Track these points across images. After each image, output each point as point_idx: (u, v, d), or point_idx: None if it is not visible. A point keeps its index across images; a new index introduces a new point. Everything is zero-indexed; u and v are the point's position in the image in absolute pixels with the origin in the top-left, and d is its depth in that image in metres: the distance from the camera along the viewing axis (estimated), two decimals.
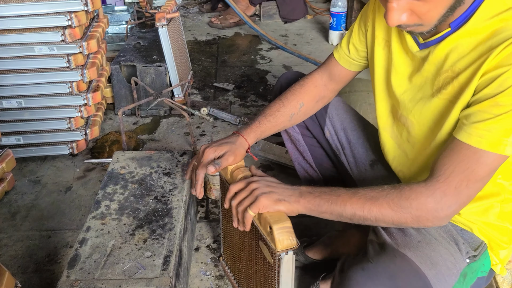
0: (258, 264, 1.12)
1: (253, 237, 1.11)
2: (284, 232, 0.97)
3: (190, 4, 4.01)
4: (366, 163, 1.27)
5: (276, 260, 1.00)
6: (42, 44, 1.77)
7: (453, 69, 0.94)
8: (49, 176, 1.89)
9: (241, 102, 2.46)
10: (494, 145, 0.85)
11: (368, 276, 0.90)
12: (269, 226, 0.98)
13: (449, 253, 1.00)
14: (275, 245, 0.97)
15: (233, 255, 1.32)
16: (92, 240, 1.20)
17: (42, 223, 1.65)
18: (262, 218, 1.01)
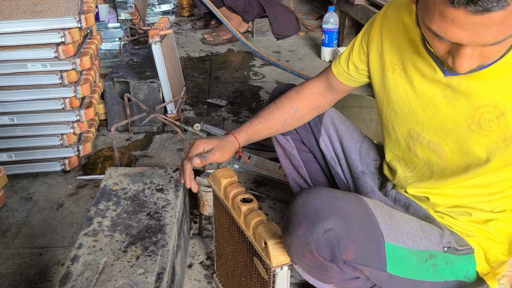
0: (253, 280, 1.11)
1: (247, 253, 1.10)
2: (279, 248, 0.97)
3: (183, 21, 4.04)
4: (359, 173, 1.28)
5: (271, 276, 0.99)
6: (35, 60, 1.77)
7: (495, 105, 0.90)
8: (40, 193, 1.87)
9: (234, 118, 2.47)
10: None
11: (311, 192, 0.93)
12: (264, 242, 0.97)
13: (421, 230, 0.99)
14: (270, 260, 0.97)
15: (226, 271, 1.31)
16: (84, 257, 1.18)
17: (33, 240, 1.63)
18: (256, 233, 1.00)
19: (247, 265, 1.12)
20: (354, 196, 0.96)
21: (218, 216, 1.26)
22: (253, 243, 1.03)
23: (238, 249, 1.17)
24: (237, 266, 1.21)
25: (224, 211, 1.20)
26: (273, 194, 1.87)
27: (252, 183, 1.94)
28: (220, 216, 1.25)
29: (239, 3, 3.43)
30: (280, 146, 1.40)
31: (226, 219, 1.20)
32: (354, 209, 0.91)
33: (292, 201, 0.95)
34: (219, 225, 1.29)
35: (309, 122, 1.34)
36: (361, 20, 2.95)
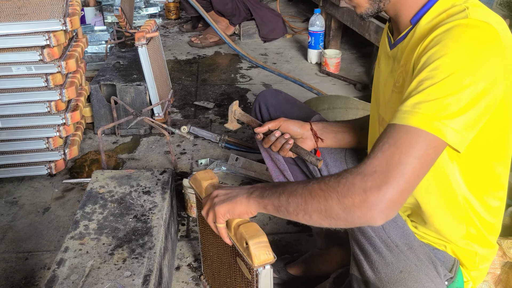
0: (237, 281, 1.12)
1: (231, 254, 1.11)
2: (260, 247, 0.98)
3: (170, 24, 4.04)
4: None
5: (254, 275, 1.00)
6: (19, 63, 1.76)
7: (405, 62, 0.96)
8: (26, 197, 1.86)
9: (222, 120, 2.47)
10: (421, 122, 0.81)
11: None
12: (245, 242, 0.98)
13: (430, 279, 0.99)
14: (252, 260, 0.98)
15: (213, 273, 1.32)
16: (70, 260, 1.18)
17: (19, 245, 1.62)
18: (238, 233, 1.01)
19: (232, 266, 1.13)
20: None
21: (202, 218, 1.26)
22: (235, 244, 1.04)
23: (222, 250, 1.17)
24: (222, 267, 1.21)
25: None
26: None
27: (240, 185, 1.94)
28: (203, 218, 1.24)
29: (227, 7, 3.45)
30: (265, 150, 1.41)
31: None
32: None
33: None
34: (203, 227, 1.29)
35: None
36: (346, 22, 2.97)
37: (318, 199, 0.84)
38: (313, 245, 1.48)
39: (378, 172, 0.80)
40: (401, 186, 0.79)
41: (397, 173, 0.79)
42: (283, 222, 1.73)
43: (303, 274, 1.42)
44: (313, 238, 1.48)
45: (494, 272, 1.36)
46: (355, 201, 0.80)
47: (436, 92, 0.82)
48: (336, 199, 0.82)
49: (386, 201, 0.79)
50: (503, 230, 1.49)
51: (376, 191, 0.79)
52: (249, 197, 0.97)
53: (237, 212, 0.99)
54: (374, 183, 0.79)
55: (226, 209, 1.00)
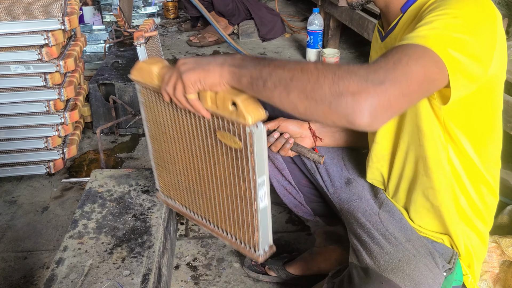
0: (221, 162, 1.01)
1: (206, 135, 1.00)
2: (250, 103, 0.87)
3: (168, 23, 4.03)
4: (341, 181, 1.28)
5: (247, 138, 0.89)
6: (18, 63, 1.76)
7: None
8: (25, 196, 1.86)
9: None
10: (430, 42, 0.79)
11: None
12: (232, 102, 0.87)
13: (428, 269, 1.01)
14: (245, 118, 0.86)
15: (177, 179, 1.17)
16: (69, 259, 1.18)
17: (17, 244, 1.62)
18: (218, 98, 0.89)
19: (209, 148, 1.01)
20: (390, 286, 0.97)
21: (153, 117, 1.11)
22: (216, 112, 0.92)
23: (190, 139, 1.04)
24: (193, 161, 1.08)
25: (162, 105, 1.05)
26: None
27: None
28: (156, 115, 1.10)
29: (228, 8, 3.46)
30: None
31: (167, 113, 1.06)
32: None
33: None
34: (156, 128, 1.13)
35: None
36: (345, 21, 2.97)
37: (309, 76, 0.75)
38: (312, 243, 1.48)
39: (384, 69, 0.74)
40: (402, 87, 0.74)
41: (402, 73, 0.74)
42: (282, 221, 1.73)
43: (302, 272, 1.42)
44: (312, 237, 1.48)
45: (492, 271, 1.37)
46: (351, 86, 0.72)
47: (444, 26, 0.81)
48: (330, 80, 0.73)
49: (382, 98, 0.72)
50: (501, 229, 1.49)
51: (377, 84, 0.72)
52: (223, 65, 0.85)
53: (208, 82, 0.86)
54: (377, 76, 0.73)
55: (196, 77, 0.86)
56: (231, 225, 1.07)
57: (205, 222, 1.14)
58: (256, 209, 0.98)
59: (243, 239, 1.06)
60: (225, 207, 1.06)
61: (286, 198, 1.45)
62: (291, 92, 0.76)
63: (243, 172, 0.95)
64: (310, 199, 1.43)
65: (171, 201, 1.22)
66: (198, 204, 1.14)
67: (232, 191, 1.01)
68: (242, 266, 1.50)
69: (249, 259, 1.49)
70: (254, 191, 0.95)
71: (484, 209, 1.07)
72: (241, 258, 1.53)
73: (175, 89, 0.90)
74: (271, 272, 1.44)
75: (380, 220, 1.11)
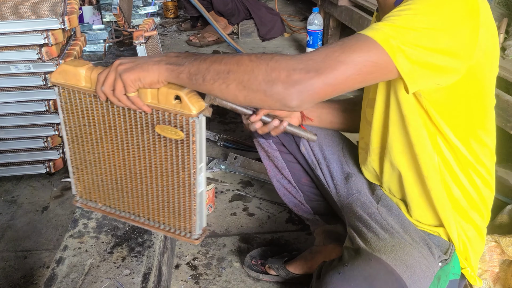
0: (157, 154, 1.05)
1: (141, 130, 1.03)
2: (193, 96, 0.94)
3: (168, 23, 4.03)
4: (341, 177, 1.29)
5: (190, 128, 0.96)
6: (18, 62, 1.75)
7: None
8: (25, 195, 1.85)
9: (220, 119, 2.47)
10: (377, 35, 0.83)
11: (344, 279, 0.92)
12: (175, 96, 0.93)
13: (423, 256, 1.02)
14: (190, 109, 0.93)
15: (101, 179, 1.18)
16: (70, 259, 1.18)
17: (18, 243, 1.62)
18: (161, 93, 0.95)
19: (144, 143, 1.05)
20: (379, 263, 0.97)
21: (75, 119, 1.10)
22: (158, 107, 0.97)
23: (122, 137, 1.07)
24: (123, 158, 1.10)
25: (89, 105, 1.06)
26: (259, 194, 1.88)
27: (239, 183, 1.94)
28: (79, 117, 1.10)
29: (228, 7, 3.46)
30: (263, 149, 1.42)
31: (94, 113, 1.07)
32: (386, 282, 0.94)
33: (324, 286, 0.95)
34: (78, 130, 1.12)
35: None
36: (345, 21, 2.97)
37: (245, 68, 0.83)
38: (312, 243, 1.48)
39: (313, 60, 0.82)
40: (328, 79, 0.81)
41: (329, 67, 0.81)
42: (282, 220, 1.73)
43: (303, 271, 1.42)
44: (312, 236, 1.48)
45: (492, 270, 1.37)
46: (281, 75, 0.81)
47: (401, 21, 0.84)
48: (263, 71, 0.82)
49: (308, 85, 0.81)
50: (501, 228, 1.50)
51: (304, 73, 0.81)
52: (160, 64, 0.90)
53: (148, 80, 0.90)
54: (305, 66, 0.81)
55: (136, 76, 0.90)
56: (165, 215, 1.12)
57: (134, 218, 1.17)
58: (195, 193, 1.05)
59: (178, 226, 1.12)
60: (159, 198, 1.11)
61: (286, 197, 1.46)
62: (230, 84, 0.84)
63: (182, 161, 1.02)
64: (310, 198, 1.43)
65: (92, 203, 1.22)
66: (126, 201, 1.17)
67: (169, 181, 1.07)
68: (242, 265, 1.50)
69: (249, 259, 1.49)
70: (194, 177, 1.03)
71: (480, 202, 1.08)
72: (241, 258, 1.53)
73: (114, 89, 0.93)
74: (272, 271, 1.44)
75: (379, 212, 1.13)
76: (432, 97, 0.95)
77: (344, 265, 0.96)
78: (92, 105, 1.06)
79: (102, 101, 1.01)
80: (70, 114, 1.10)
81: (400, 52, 0.82)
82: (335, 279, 0.93)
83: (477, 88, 0.96)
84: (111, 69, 0.93)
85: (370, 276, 0.93)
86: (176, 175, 1.05)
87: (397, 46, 0.82)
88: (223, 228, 1.69)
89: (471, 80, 0.93)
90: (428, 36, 0.83)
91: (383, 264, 0.96)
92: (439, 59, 0.85)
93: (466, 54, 0.87)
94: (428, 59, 0.84)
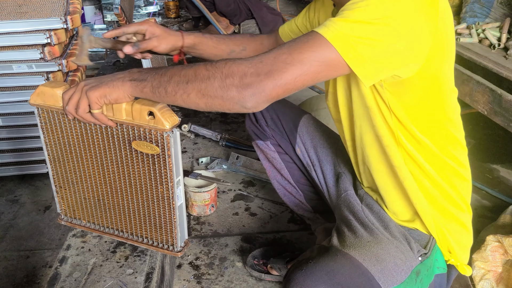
0: (136, 170, 1.09)
1: (119, 147, 1.07)
2: (166, 111, 0.99)
3: (169, 22, 4.04)
4: (333, 178, 1.30)
5: (165, 142, 1.00)
6: (20, 62, 1.76)
7: None
8: (27, 195, 1.86)
9: (222, 119, 2.47)
10: (327, 32, 0.85)
11: (306, 275, 0.94)
12: (149, 112, 0.98)
13: (400, 251, 1.02)
14: (164, 125, 0.98)
15: (84, 197, 1.21)
16: (73, 258, 1.18)
17: (20, 243, 1.62)
18: (134, 109, 0.99)
19: (122, 159, 1.08)
20: (345, 259, 0.98)
21: (56, 139, 1.14)
22: (132, 123, 1.01)
23: (101, 154, 1.10)
24: (104, 175, 1.13)
25: (69, 125, 1.10)
26: (261, 194, 1.88)
27: (240, 183, 1.95)
28: (60, 137, 1.13)
29: (230, 8, 3.47)
30: (261, 151, 1.44)
31: (73, 133, 1.11)
32: (350, 276, 0.95)
33: (288, 284, 0.96)
34: (59, 150, 1.16)
35: (285, 130, 1.38)
36: None
37: (202, 77, 0.88)
38: (314, 242, 1.49)
39: (263, 63, 0.86)
40: (276, 81, 0.85)
41: (277, 69, 0.85)
42: (284, 220, 1.74)
43: None
44: (314, 236, 1.48)
45: (495, 270, 1.37)
46: (235, 81, 0.86)
47: (353, 15, 0.84)
48: (218, 78, 0.87)
49: (259, 88, 0.85)
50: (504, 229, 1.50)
51: (255, 76, 0.85)
52: (124, 80, 0.95)
53: (114, 96, 0.96)
54: (255, 69, 0.86)
55: (101, 93, 0.96)
56: (147, 229, 1.17)
57: (117, 233, 1.22)
58: (174, 207, 1.09)
59: (161, 240, 1.16)
60: (140, 213, 1.14)
61: (286, 197, 1.47)
62: (190, 93, 0.89)
63: (160, 175, 1.06)
64: (310, 197, 1.44)
65: (77, 221, 1.26)
66: (109, 217, 1.21)
67: (149, 195, 1.10)
68: (245, 265, 1.50)
69: (252, 259, 1.49)
70: (172, 190, 1.06)
71: (454, 193, 1.07)
72: (243, 258, 1.54)
73: (78, 107, 0.98)
74: (274, 271, 1.45)
75: (362, 210, 1.14)
76: (389, 89, 0.96)
77: (309, 262, 0.97)
78: (70, 124, 1.10)
79: (77, 123, 1.07)
80: (51, 134, 1.14)
81: (351, 48, 0.83)
82: (298, 275, 0.94)
83: (433, 79, 0.96)
84: (77, 89, 0.99)
85: (333, 270, 0.94)
86: (155, 189, 1.09)
87: (348, 42, 0.83)
88: (225, 228, 1.69)
89: (427, 71, 0.93)
90: (381, 28, 0.83)
91: (350, 259, 0.97)
92: (394, 52, 0.85)
93: (421, 44, 0.87)
94: (381, 54, 0.85)
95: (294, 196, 1.45)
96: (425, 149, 1.02)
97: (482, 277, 1.37)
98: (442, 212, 1.08)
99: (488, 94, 1.65)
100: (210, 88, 0.87)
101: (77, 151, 1.14)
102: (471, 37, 2.00)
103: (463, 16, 2.14)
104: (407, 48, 0.86)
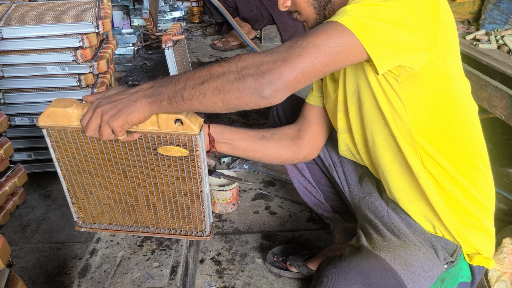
0: (162, 172, 1.09)
1: (143, 154, 1.06)
2: (191, 115, 0.98)
3: (193, 27, 4.11)
4: (355, 179, 1.31)
5: (193, 144, 1.01)
6: (54, 64, 1.84)
7: None
8: (59, 190, 1.93)
9: (243, 120, 2.52)
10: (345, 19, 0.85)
11: (340, 273, 0.95)
12: (175, 120, 0.97)
13: (427, 257, 1.03)
14: (193, 129, 0.98)
15: (103, 203, 1.19)
16: (102, 250, 1.23)
17: (52, 235, 1.69)
18: (160, 119, 0.98)
19: (147, 165, 1.08)
20: (376, 260, 0.99)
21: (69, 155, 1.10)
22: (158, 133, 1.00)
23: (123, 163, 1.09)
24: (127, 180, 1.13)
25: (83, 142, 1.06)
26: (281, 193, 1.92)
27: (261, 183, 1.99)
28: (74, 152, 1.09)
29: (252, 13, 3.53)
30: None
31: (91, 148, 1.07)
32: (382, 278, 0.96)
33: (320, 282, 0.98)
34: (74, 165, 1.12)
35: None
36: None
37: (217, 74, 0.86)
38: (332, 241, 1.52)
39: (279, 52, 0.84)
40: (294, 65, 0.83)
41: (294, 54, 0.83)
42: (303, 219, 1.77)
43: None
44: (332, 235, 1.51)
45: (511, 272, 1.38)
46: (251, 71, 0.83)
47: (365, 4, 0.86)
48: (234, 72, 0.84)
49: (277, 74, 0.82)
50: None
51: (271, 64, 0.83)
52: (142, 102, 0.91)
53: (135, 121, 0.92)
54: (271, 58, 0.84)
55: (123, 121, 0.92)
56: (175, 222, 1.19)
57: (142, 230, 1.23)
58: (203, 198, 1.11)
59: (189, 228, 1.19)
60: (167, 208, 1.16)
61: (306, 197, 1.49)
62: (206, 93, 0.86)
63: (188, 173, 1.07)
64: (329, 197, 1.46)
65: (98, 225, 1.25)
66: (133, 217, 1.21)
67: (176, 192, 1.12)
68: (265, 262, 1.54)
69: (271, 255, 1.53)
70: (201, 184, 1.08)
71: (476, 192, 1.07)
72: (263, 254, 1.58)
73: (101, 134, 0.94)
74: (293, 268, 1.48)
75: (388, 214, 1.14)
76: (409, 83, 0.96)
77: (342, 260, 0.99)
78: (87, 140, 1.06)
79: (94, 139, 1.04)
80: (64, 151, 1.10)
81: (366, 31, 0.84)
82: (331, 272, 0.96)
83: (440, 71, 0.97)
84: (93, 115, 0.93)
85: (366, 271, 0.95)
86: (183, 186, 1.11)
87: (362, 25, 0.84)
88: (246, 225, 1.74)
89: (436, 61, 0.94)
90: (393, 9, 0.85)
91: (381, 261, 0.98)
92: (406, 36, 0.87)
93: (431, 28, 0.90)
94: (395, 36, 0.86)
95: (314, 196, 1.47)
96: (444, 146, 1.03)
97: (498, 279, 1.39)
98: (462, 211, 1.08)
99: (506, 100, 1.66)
100: (226, 82, 0.84)
101: (96, 164, 1.10)
102: (490, 43, 2.02)
103: (482, 22, 2.15)
104: (419, 30, 0.87)
